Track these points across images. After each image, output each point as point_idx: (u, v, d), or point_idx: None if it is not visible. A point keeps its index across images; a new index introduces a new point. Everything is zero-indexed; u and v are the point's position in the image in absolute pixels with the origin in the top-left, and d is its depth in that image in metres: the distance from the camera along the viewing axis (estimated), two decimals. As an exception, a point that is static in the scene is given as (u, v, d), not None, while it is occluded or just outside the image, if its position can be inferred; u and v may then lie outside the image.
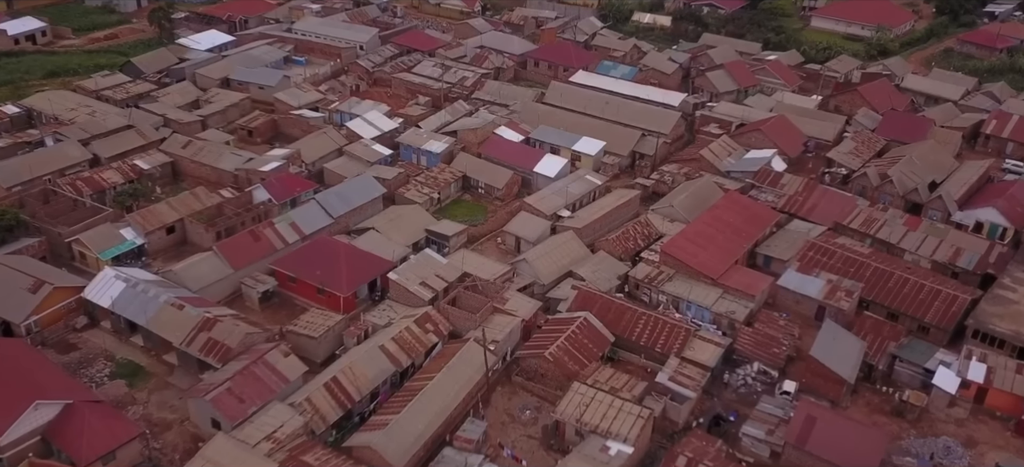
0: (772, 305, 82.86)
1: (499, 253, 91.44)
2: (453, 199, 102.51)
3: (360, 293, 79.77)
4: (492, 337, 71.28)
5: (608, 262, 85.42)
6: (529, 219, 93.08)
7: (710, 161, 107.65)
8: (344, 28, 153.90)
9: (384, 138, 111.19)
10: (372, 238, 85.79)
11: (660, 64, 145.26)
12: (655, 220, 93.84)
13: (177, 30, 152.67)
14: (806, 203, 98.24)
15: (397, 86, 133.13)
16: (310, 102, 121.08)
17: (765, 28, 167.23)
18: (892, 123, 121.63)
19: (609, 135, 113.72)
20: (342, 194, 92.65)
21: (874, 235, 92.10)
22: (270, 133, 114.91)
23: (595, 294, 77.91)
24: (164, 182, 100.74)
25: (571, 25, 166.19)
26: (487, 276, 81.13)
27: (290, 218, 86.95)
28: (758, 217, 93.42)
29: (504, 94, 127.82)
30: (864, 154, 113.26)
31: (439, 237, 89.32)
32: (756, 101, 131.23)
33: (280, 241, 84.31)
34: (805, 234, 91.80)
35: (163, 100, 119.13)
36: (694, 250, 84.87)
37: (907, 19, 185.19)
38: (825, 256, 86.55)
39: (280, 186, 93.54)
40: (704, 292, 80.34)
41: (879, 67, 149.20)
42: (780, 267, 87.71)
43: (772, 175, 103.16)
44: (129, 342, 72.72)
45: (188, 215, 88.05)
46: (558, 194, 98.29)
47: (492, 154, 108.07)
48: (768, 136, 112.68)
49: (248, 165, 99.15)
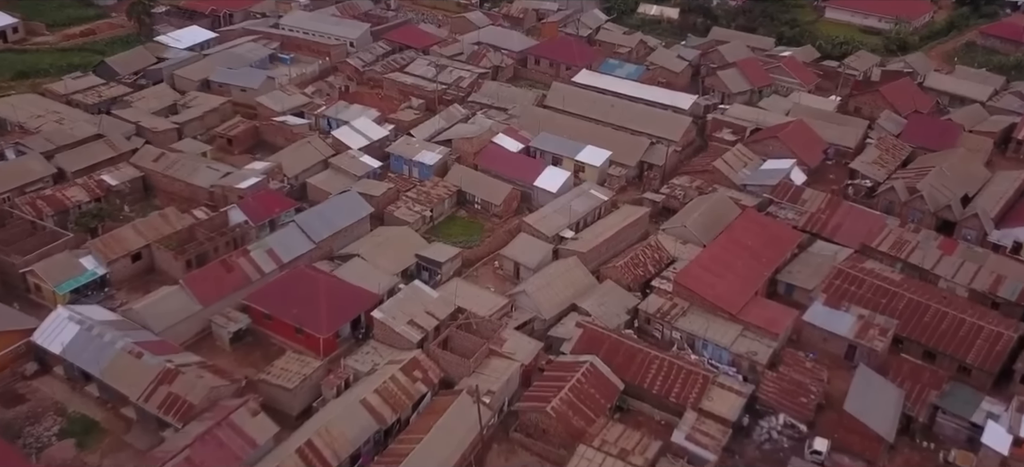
0: (796, 341, 75.36)
1: (496, 279, 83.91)
2: (447, 216, 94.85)
3: (343, 331, 72.29)
4: (488, 387, 63.95)
5: (616, 293, 77.87)
6: (529, 242, 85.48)
7: (724, 173, 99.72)
8: (334, 23, 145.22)
9: (373, 147, 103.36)
10: (356, 267, 78.15)
11: (668, 62, 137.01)
12: (666, 242, 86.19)
13: (157, 26, 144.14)
14: (830, 222, 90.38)
15: (389, 87, 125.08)
16: (295, 106, 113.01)
17: (778, 21, 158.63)
18: (918, 128, 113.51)
19: (615, 143, 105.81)
20: (325, 215, 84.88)
21: (905, 260, 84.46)
22: (251, 141, 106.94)
23: (602, 333, 70.43)
24: (134, 199, 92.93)
25: (574, 19, 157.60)
26: (483, 311, 73.59)
27: (267, 244, 79.15)
28: (778, 239, 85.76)
29: (502, 96, 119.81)
30: (889, 164, 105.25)
31: (431, 263, 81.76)
32: (771, 103, 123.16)
33: (255, 271, 76.67)
34: (830, 258, 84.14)
35: (137, 105, 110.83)
36: (710, 280, 77.31)
37: (926, 10, 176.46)
38: (853, 285, 78.93)
39: (258, 206, 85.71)
40: (722, 329, 72.82)
41: (900, 64, 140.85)
42: (803, 296, 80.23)
43: (792, 190, 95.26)
44: (84, 392, 65.08)
45: (155, 241, 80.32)
46: (560, 212, 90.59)
47: (489, 166, 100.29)
48: (786, 144, 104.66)
49: (225, 181, 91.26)
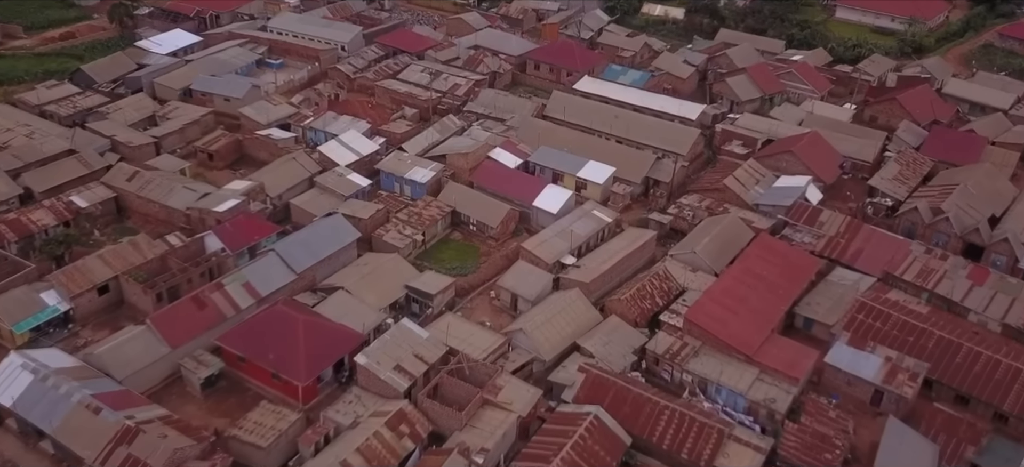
0: (816, 383, 69.57)
1: (493, 311, 78.00)
2: (440, 239, 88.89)
3: (325, 374, 66.44)
4: (481, 444, 58.18)
5: (621, 330, 71.93)
6: (527, 270, 79.49)
7: (735, 191, 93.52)
8: (324, 26, 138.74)
9: (363, 163, 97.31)
10: (340, 301, 72.16)
11: (674, 67, 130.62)
12: (675, 270, 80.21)
13: (140, 29, 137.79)
14: (850, 247, 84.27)
15: (381, 95, 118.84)
16: (280, 118, 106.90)
17: (788, 22, 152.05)
18: (939, 140, 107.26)
19: (619, 157, 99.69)
20: (308, 242, 78.85)
21: (932, 290, 78.48)
22: (233, 156, 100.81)
23: (607, 378, 64.53)
24: (106, 221, 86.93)
25: (575, 20, 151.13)
26: (477, 352, 67.68)
27: (243, 277, 73.04)
28: (796, 268, 79.71)
29: (500, 106, 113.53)
30: (910, 180, 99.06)
31: (421, 296, 75.84)
32: (783, 111, 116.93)
33: (230, 307, 70.69)
34: (851, 288, 78.20)
35: (114, 116, 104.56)
36: (723, 316, 71.34)
37: (941, 9, 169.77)
38: (878, 320, 72.93)
39: (236, 232, 79.66)
40: (737, 373, 66.92)
41: (916, 69, 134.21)
42: (823, 332, 74.42)
43: (809, 211, 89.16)
44: (38, 449, 59.31)
45: (124, 272, 74.35)
46: (561, 236, 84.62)
47: (485, 183, 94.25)
48: (801, 158, 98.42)
49: (202, 203, 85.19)
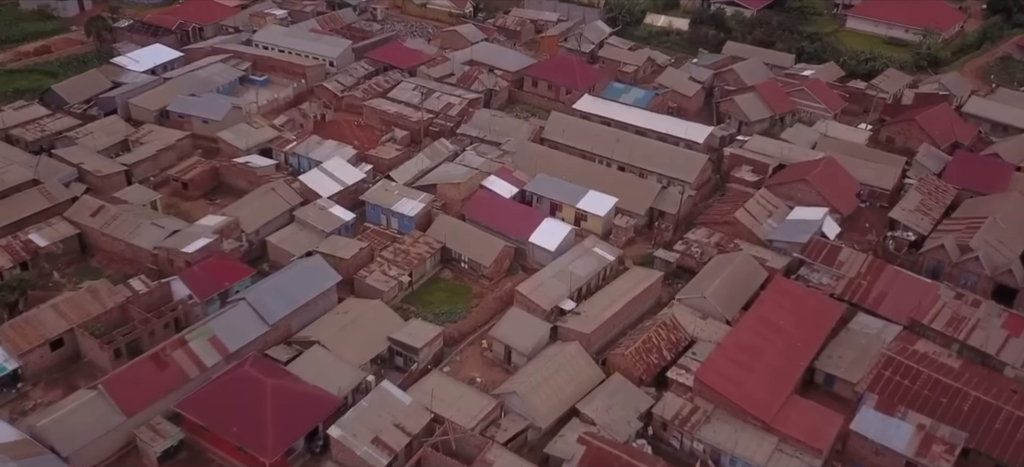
0: (841, 452, 63.02)
1: (484, 364, 71.56)
2: (429, 277, 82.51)
3: (296, 446, 59.99)
4: (468, 534, 51.89)
5: (625, 391, 65.40)
6: (522, 319, 72.94)
7: (747, 225, 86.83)
8: (312, 40, 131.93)
9: (347, 193, 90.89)
10: (316, 358, 65.66)
11: (679, 84, 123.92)
12: (683, 317, 73.62)
13: (119, 43, 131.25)
14: (872, 290, 77.63)
15: (369, 115, 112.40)
16: (261, 142, 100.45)
17: (798, 34, 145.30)
18: (962, 166, 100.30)
19: (621, 187, 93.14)
20: (283, 288, 72.19)
21: (964, 341, 71.93)
22: (209, 184, 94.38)
23: (610, 452, 57.94)
24: (68, 260, 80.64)
25: (575, 32, 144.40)
26: (465, 419, 61.26)
27: (209, 331, 66.42)
28: (815, 316, 73.10)
29: (495, 128, 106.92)
30: (933, 211, 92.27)
31: (406, 349, 69.37)
32: (795, 133, 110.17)
33: (195, 367, 64.17)
34: (875, 338, 71.66)
35: (83, 141, 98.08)
36: (737, 376, 64.84)
37: (957, 19, 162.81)
38: (907, 378, 66.48)
39: (205, 277, 73.08)
40: (754, 442, 60.42)
41: (934, 85, 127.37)
42: (846, 389, 67.96)
43: (827, 249, 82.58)
44: (-31, 540, 53.32)
45: (80, 324, 67.86)
46: (560, 277, 78.23)
47: (479, 216, 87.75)
48: (816, 188, 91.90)
49: (170, 242, 78.67)
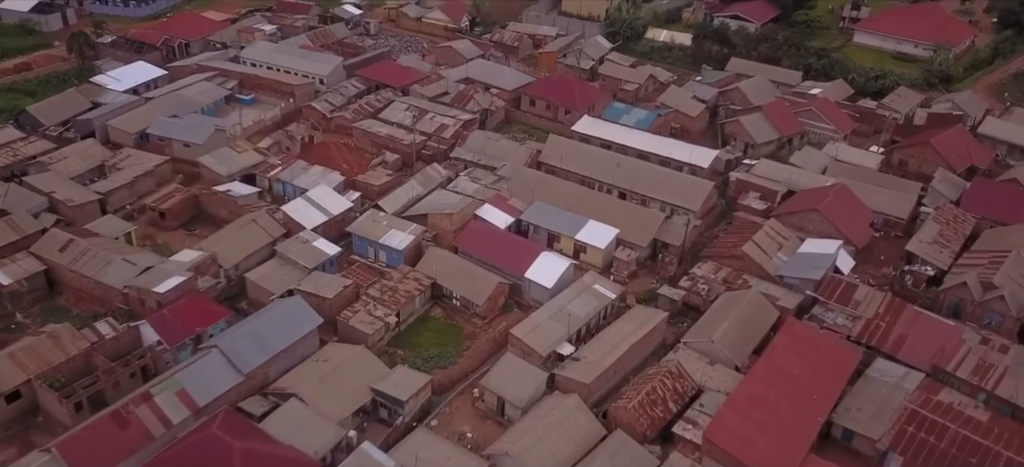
0: (862, 517, 58.23)
1: (476, 416, 66.55)
2: (418, 316, 77.57)
3: (268, 513, 55.05)
4: None
5: (628, 450, 60.28)
6: (517, 367, 67.85)
7: (756, 259, 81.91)
8: (301, 57, 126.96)
9: (333, 224, 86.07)
10: (292, 413, 60.58)
11: (682, 103, 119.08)
12: (689, 363, 68.58)
13: (102, 59, 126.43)
14: (892, 332, 72.57)
15: (359, 138, 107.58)
16: (245, 167, 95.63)
17: (805, 51, 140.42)
18: (981, 194, 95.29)
19: (623, 216, 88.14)
20: (259, 333, 67.09)
21: (992, 391, 66.84)
22: (188, 213, 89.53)
23: (610, 523, 53.21)
24: (33, 299, 75.67)
25: (574, 48, 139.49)
26: (454, 484, 56.42)
27: (178, 383, 61.29)
28: (832, 363, 68.04)
29: (491, 152, 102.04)
30: (952, 242, 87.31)
31: (391, 401, 64.32)
32: (804, 156, 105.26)
33: (160, 424, 59.07)
34: (896, 387, 66.61)
35: (57, 167, 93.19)
36: (749, 433, 59.85)
37: (967, 34, 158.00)
38: (932, 434, 61.49)
39: (175, 321, 68.03)
40: (768, 510, 55.59)
41: (947, 104, 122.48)
42: (865, 445, 62.91)
43: (842, 287, 77.61)
44: None
45: (38, 375, 62.84)
46: (557, 318, 73.27)
47: (472, 249, 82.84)
48: (829, 218, 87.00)
49: (142, 280, 73.69)
